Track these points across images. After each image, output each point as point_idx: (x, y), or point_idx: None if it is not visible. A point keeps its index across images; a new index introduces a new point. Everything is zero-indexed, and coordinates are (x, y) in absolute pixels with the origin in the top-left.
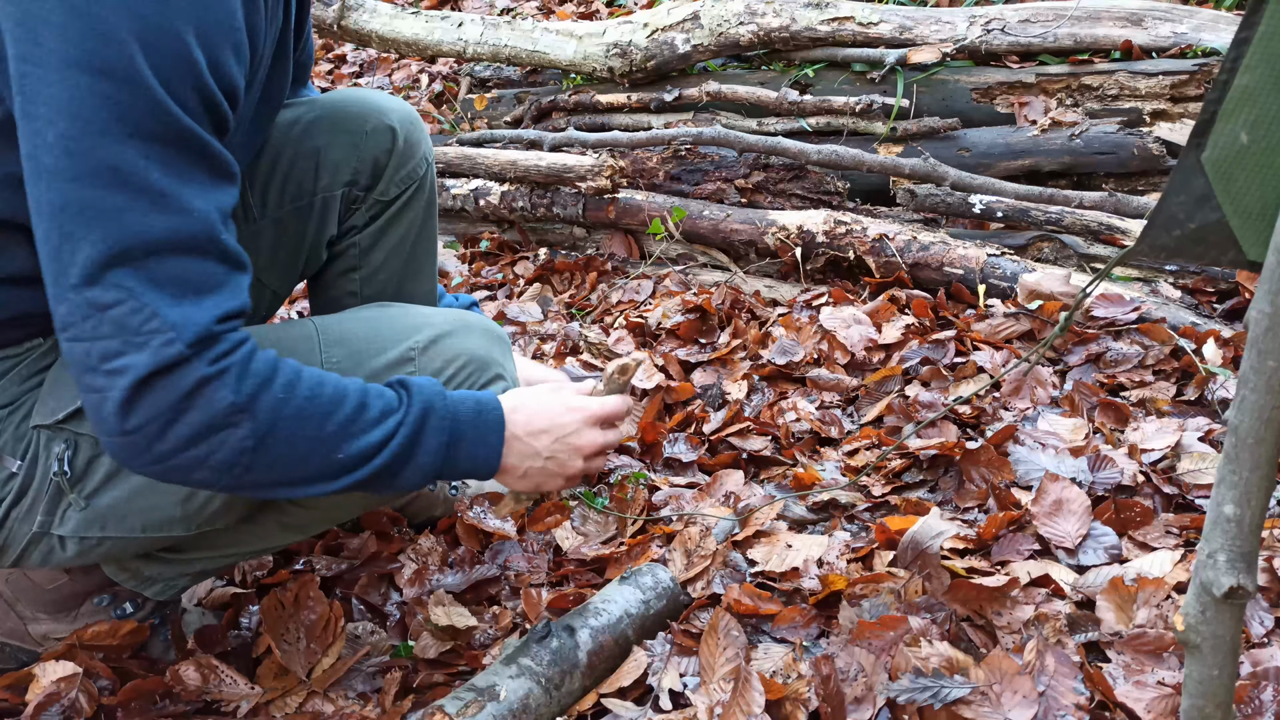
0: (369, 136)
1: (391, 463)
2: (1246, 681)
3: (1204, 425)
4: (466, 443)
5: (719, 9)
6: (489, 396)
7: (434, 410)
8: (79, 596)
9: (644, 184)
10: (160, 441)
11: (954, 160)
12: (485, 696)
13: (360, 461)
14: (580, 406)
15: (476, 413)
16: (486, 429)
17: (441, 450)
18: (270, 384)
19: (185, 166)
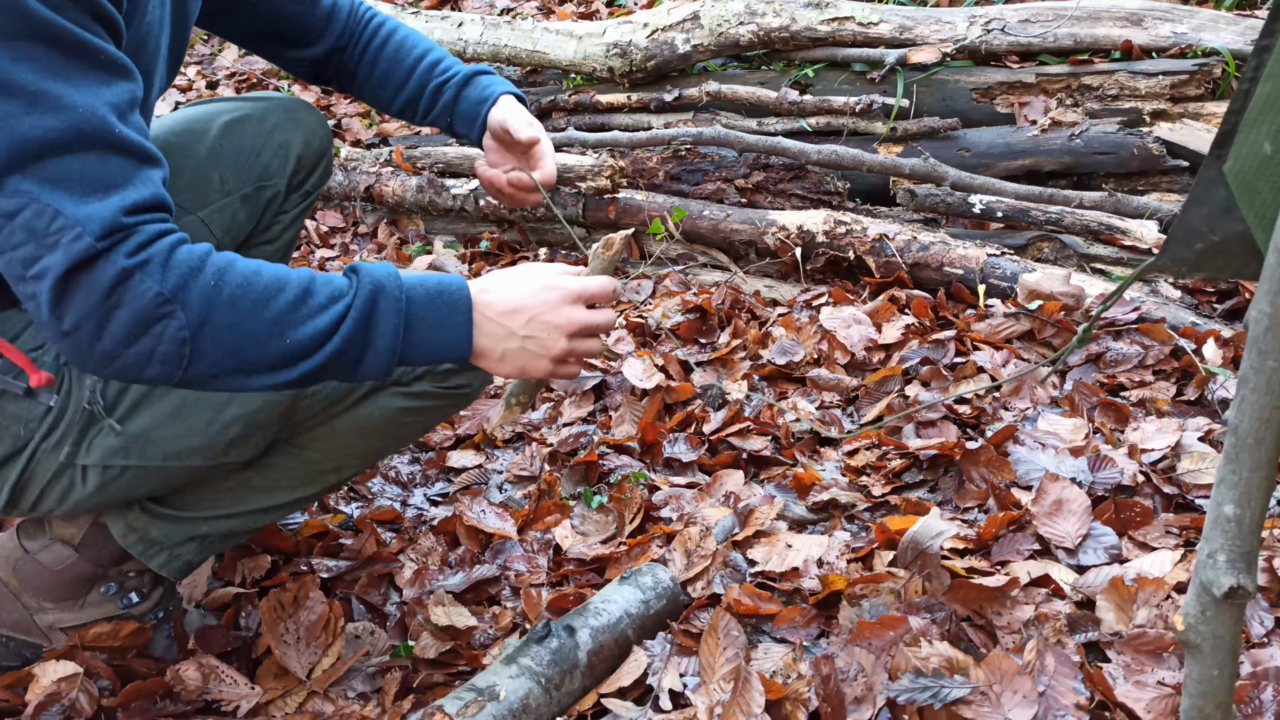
0: (319, 138)
1: (346, 348)
2: (1246, 681)
3: (1204, 425)
4: (426, 325)
5: (719, 9)
6: (453, 278)
7: (384, 291)
8: (86, 581)
9: (644, 184)
10: (100, 340)
11: (954, 160)
12: (485, 696)
13: (312, 347)
14: (558, 284)
15: (437, 293)
16: (449, 309)
17: (398, 332)
18: (199, 273)
19: (60, 64)
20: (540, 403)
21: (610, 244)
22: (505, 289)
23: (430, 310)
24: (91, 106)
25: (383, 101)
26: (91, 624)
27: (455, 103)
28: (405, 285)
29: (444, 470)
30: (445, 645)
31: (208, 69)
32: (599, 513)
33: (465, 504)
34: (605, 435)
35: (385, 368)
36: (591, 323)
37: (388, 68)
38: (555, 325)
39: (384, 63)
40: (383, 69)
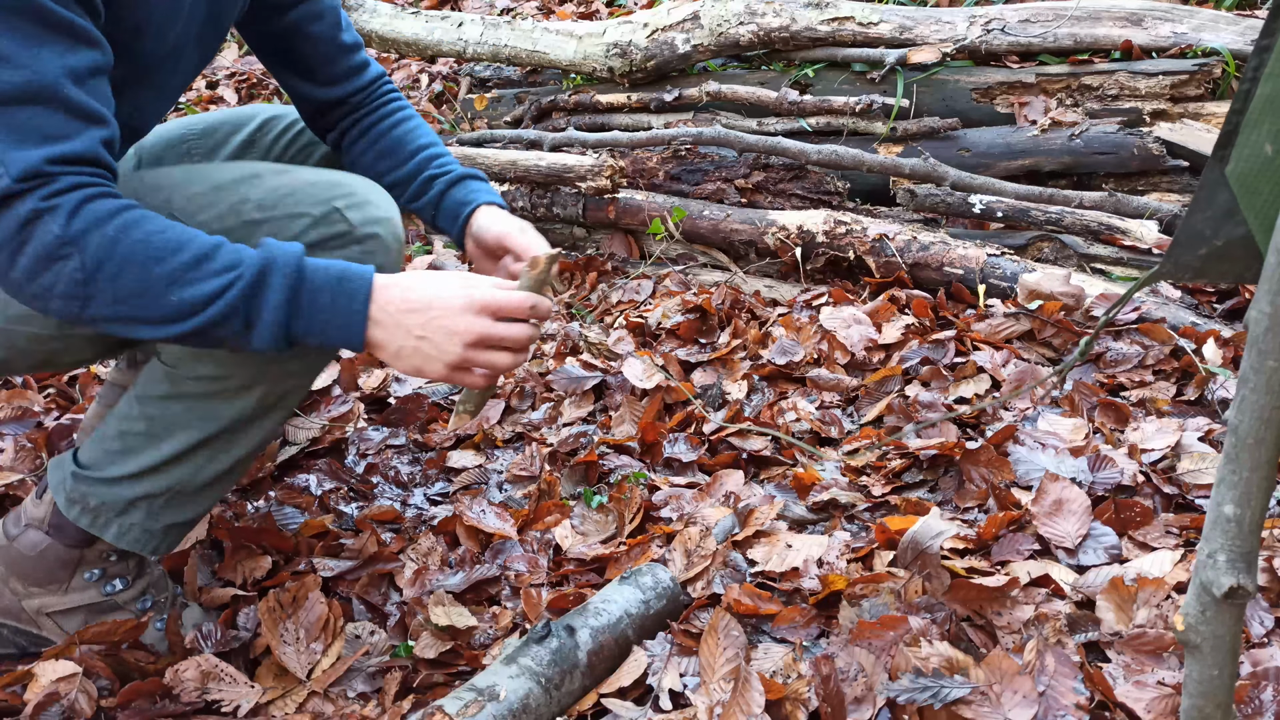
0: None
1: (229, 314)
2: (1246, 681)
3: (1204, 425)
4: (318, 308)
5: (719, 9)
6: (360, 268)
7: (276, 268)
8: (66, 566)
9: (644, 184)
10: (12, 270)
11: (954, 160)
12: (485, 696)
13: (195, 309)
14: (466, 292)
15: (336, 280)
16: (346, 297)
17: (284, 307)
18: (104, 224)
19: (29, 31)
20: (540, 403)
21: (536, 263)
22: (412, 287)
23: (325, 295)
24: (49, 68)
25: (372, 174)
26: (80, 612)
27: (441, 198)
28: (303, 266)
29: (444, 470)
30: (445, 645)
31: (207, 69)
32: (599, 513)
33: (465, 504)
34: (605, 435)
35: (275, 342)
36: (494, 335)
37: (391, 145)
38: (452, 331)
39: (389, 140)
40: (385, 145)
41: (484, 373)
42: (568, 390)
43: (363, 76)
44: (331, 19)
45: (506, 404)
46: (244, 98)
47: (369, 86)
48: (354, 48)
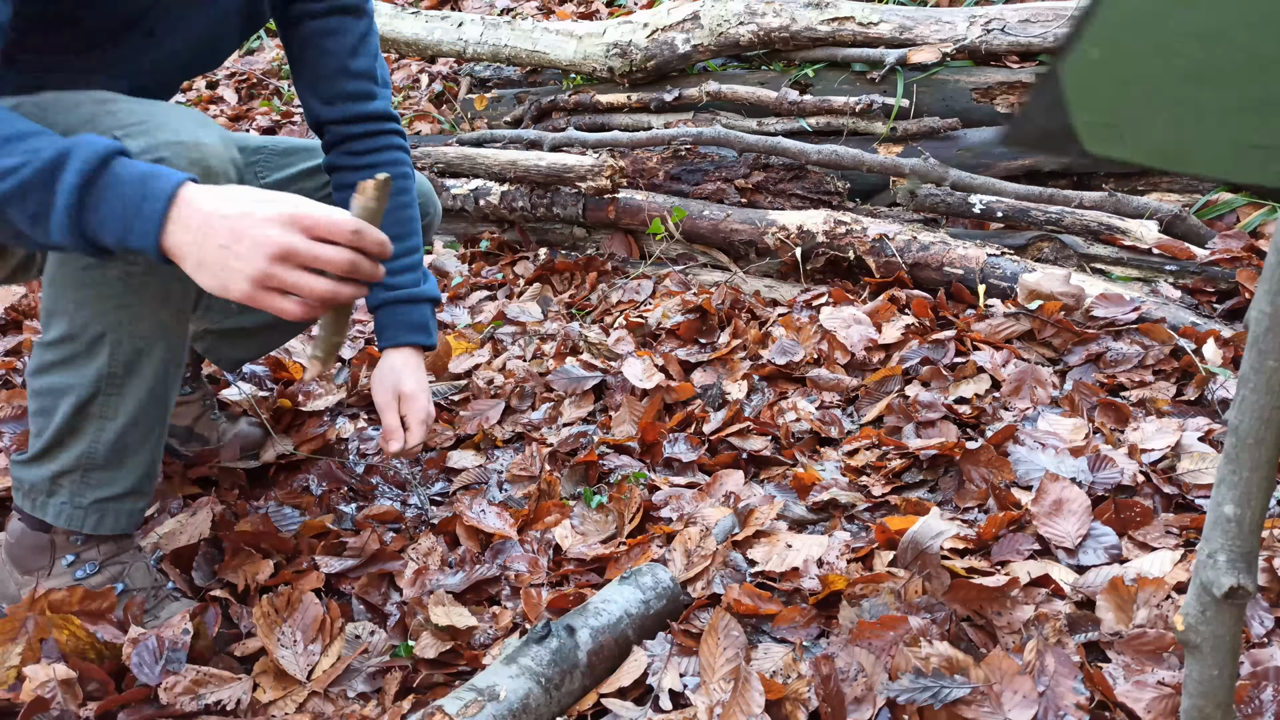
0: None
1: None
2: (1246, 681)
3: (1204, 425)
4: (117, 200)
5: (719, 9)
6: (170, 170)
7: (76, 153)
8: (44, 552)
9: (644, 184)
10: None
11: (954, 160)
12: (485, 696)
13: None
14: (279, 205)
15: (142, 176)
16: (147, 195)
17: (76, 193)
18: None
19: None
20: (540, 403)
21: (364, 189)
22: (226, 196)
23: (125, 188)
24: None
25: None
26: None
27: (377, 311)
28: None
29: (444, 470)
30: (445, 645)
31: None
32: (599, 513)
33: (465, 504)
34: (605, 435)
35: (68, 232)
36: (304, 252)
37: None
38: (258, 242)
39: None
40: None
41: (296, 301)
42: (568, 390)
43: (362, 106)
44: (349, 40)
45: (506, 404)
46: (243, 97)
47: (365, 120)
48: (362, 75)
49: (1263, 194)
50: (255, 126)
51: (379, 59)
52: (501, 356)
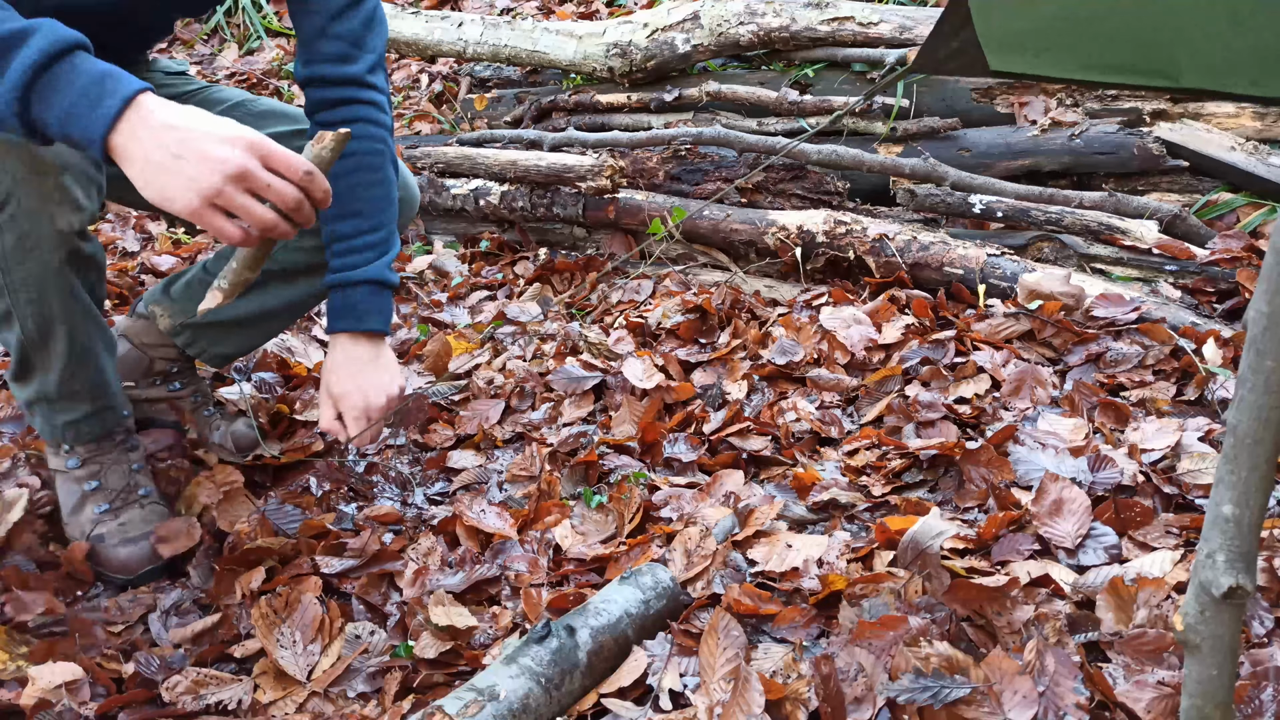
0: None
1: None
2: (1246, 681)
3: (1204, 425)
4: (66, 87)
5: (719, 9)
6: (133, 77)
7: (40, 32)
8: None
9: (644, 184)
10: None
11: (954, 160)
12: (485, 696)
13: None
14: (241, 130)
15: (103, 73)
16: (103, 90)
17: (30, 70)
18: None
19: None
20: (540, 403)
21: (322, 138)
22: (182, 111)
23: (81, 79)
24: None
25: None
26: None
27: (329, 290)
28: (74, 51)
29: (444, 470)
30: (445, 645)
31: (208, 69)
32: (599, 513)
33: (465, 504)
34: (605, 435)
35: (13, 108)
36: (259, 178)
37: (344, 188)
38: (213, 158)
39: (342, 179)
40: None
41: (238, 225)
42: (568, 390)
43: (335, 68)
44: (335, 3)
45: (506, 404)
46: None
47: (338, 84)
48: (342, 38)
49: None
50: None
51: (373, 30)
52: (501, 356)
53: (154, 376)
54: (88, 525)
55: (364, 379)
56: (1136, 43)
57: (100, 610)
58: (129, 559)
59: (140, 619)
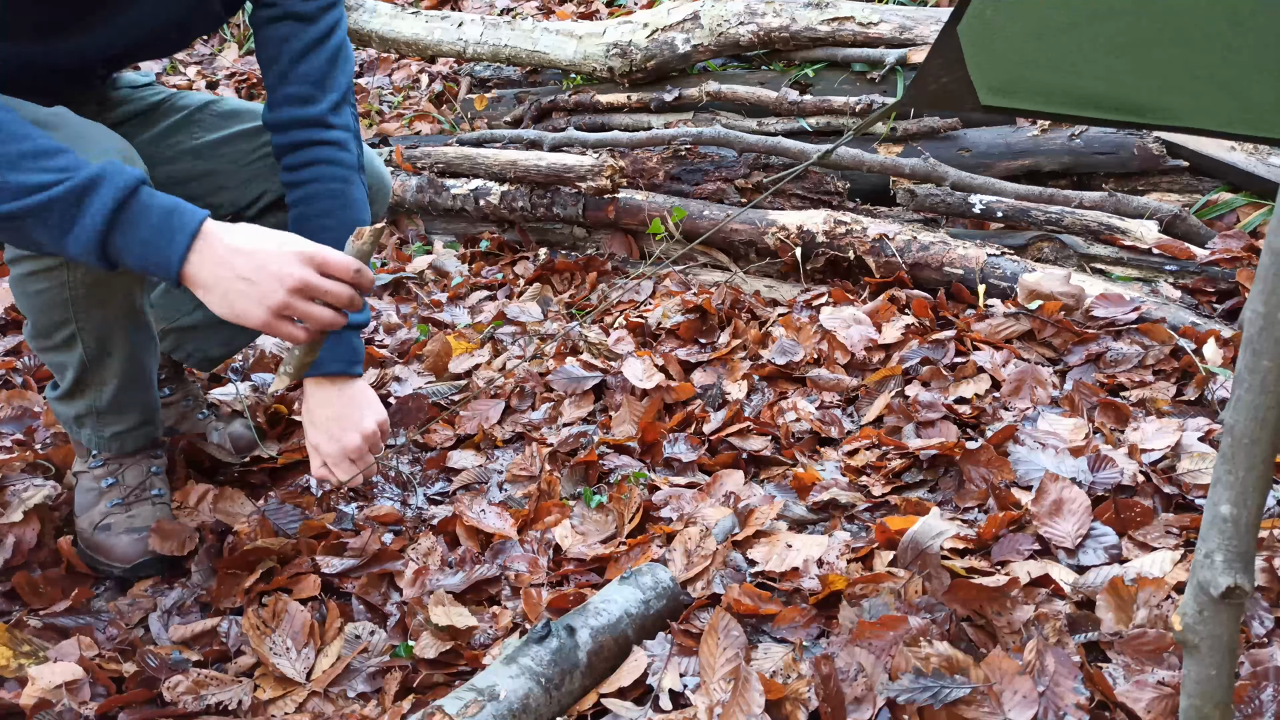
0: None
1: (49, 208)
2: (1246, 681)
3: (1204, 425)
4: (144, 227)
5: (719, 9)
6: (195, 208)
7: (108, 180)
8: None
9: (644, 184)
10: None
11: (954, 160)
12: (485, 696)
13: (19, 193)
14: (296, 244)
15: (167, 210)
16: (172, 227)
17: (107, 217)
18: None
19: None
20: (540, 403)
21: (361, 234)
22: (245, 231)
23: (153, 217)
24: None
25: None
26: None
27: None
28: (138, 189)
29: (444, 470)
30: (445, 645)
31: (208, 69)
32: (599, 513)
33: (465, 504)
34: (605, 435)
35: (94, 250)
36: (318, 286)
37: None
38: (277, 275)
39: (312, 220)
40: (302, 214)
41: (302, 327)
42: (568, 390)
43: (295, 110)
44: (296, 45)
45: (506, 404)
46: (243, 97)
47: (298, 126)
48: (303, 80)
49: (1151, 126)
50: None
51: (337, 67)
52: (501, 356)
53: None
54: (98, 517)
55: (334, 425)
56: (1133, 82)
57: (102, 610)
58: (128, 548)
59: (140, 621)
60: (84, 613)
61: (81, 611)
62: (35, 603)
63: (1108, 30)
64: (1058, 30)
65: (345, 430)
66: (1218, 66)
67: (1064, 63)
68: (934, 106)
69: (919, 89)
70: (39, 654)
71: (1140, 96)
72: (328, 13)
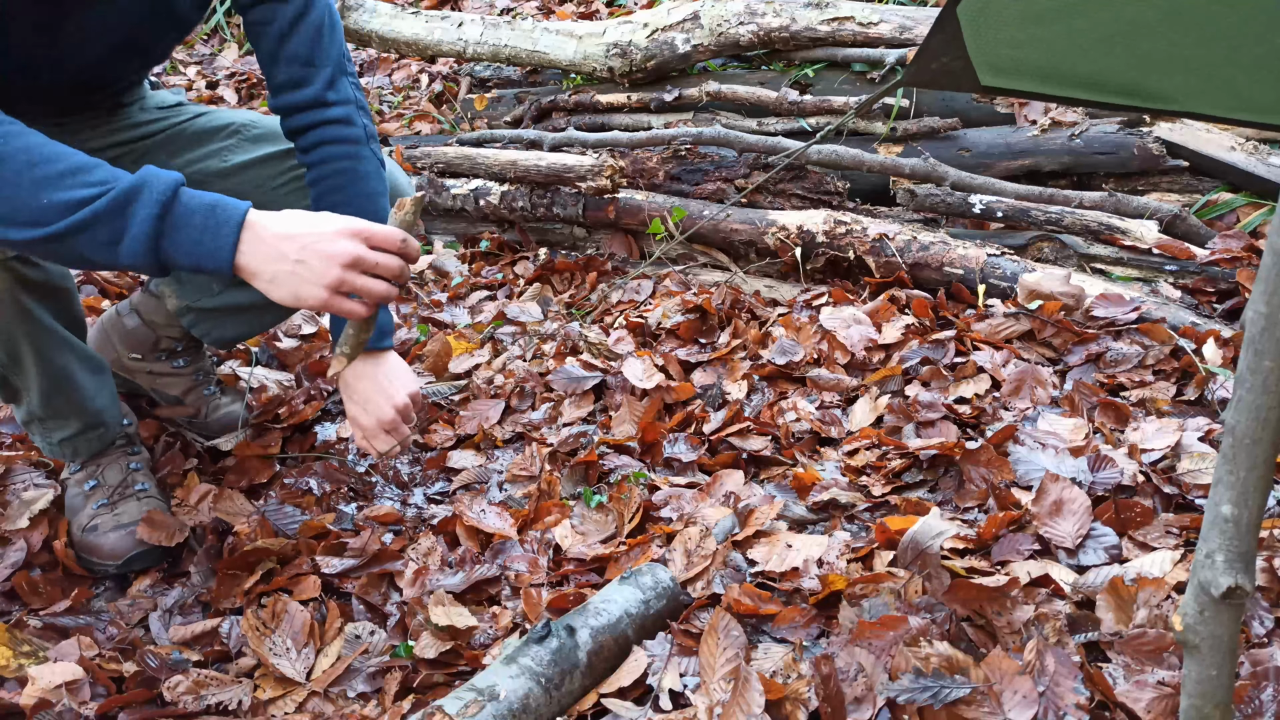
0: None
1: (94, 222)
2: (1246, 681)
3: (1204, 425)
4: (190, 228)
5: (719, 9)
6: (234, 200)
7: (149, 186)
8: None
9: (644, 184)
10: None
11: (954, 160)
12: (485, 696)
13: (62, 212)
14: (342, 222)
15: (210, 206)
16: (218, 222)
17: (153, 222)
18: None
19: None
20: (540, 403)
21: (402, 205)
22: (287, 218)
23: (197, 217)
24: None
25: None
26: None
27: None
28: (178, 192)
29: (444, 470)
30: (445, 645)
31: (208, 69)
32: (599, 513)
33: (465, 504)
34: (605, 435)
35: (146, 257)
36: (369, 259)
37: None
38: (329, 254)
39: (332, 194)
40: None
41: (359, 302)
42: (568, 390)
43: (292, 95)
44: (279, 26)
45: (506, 404)
46: (244, 97)
47: (299, 110)
48: (294, 60)
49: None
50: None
51: (324, 39)
52: (501, 356)
53: (160, 352)
54: (85, 520)
55: (369, 398)
56: (1135, 64)
57: (102, 610)
58: (117, 544)
59: (140, 621)
60: (84, 613)
61: (81, 611)
62: (35, 603)
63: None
64: (1055, 13)
65: (380, 404)
66: (1215, 51)
67: (1062, 45)
68: (934, 86)
69: (920, 68)
70: (39, 654)
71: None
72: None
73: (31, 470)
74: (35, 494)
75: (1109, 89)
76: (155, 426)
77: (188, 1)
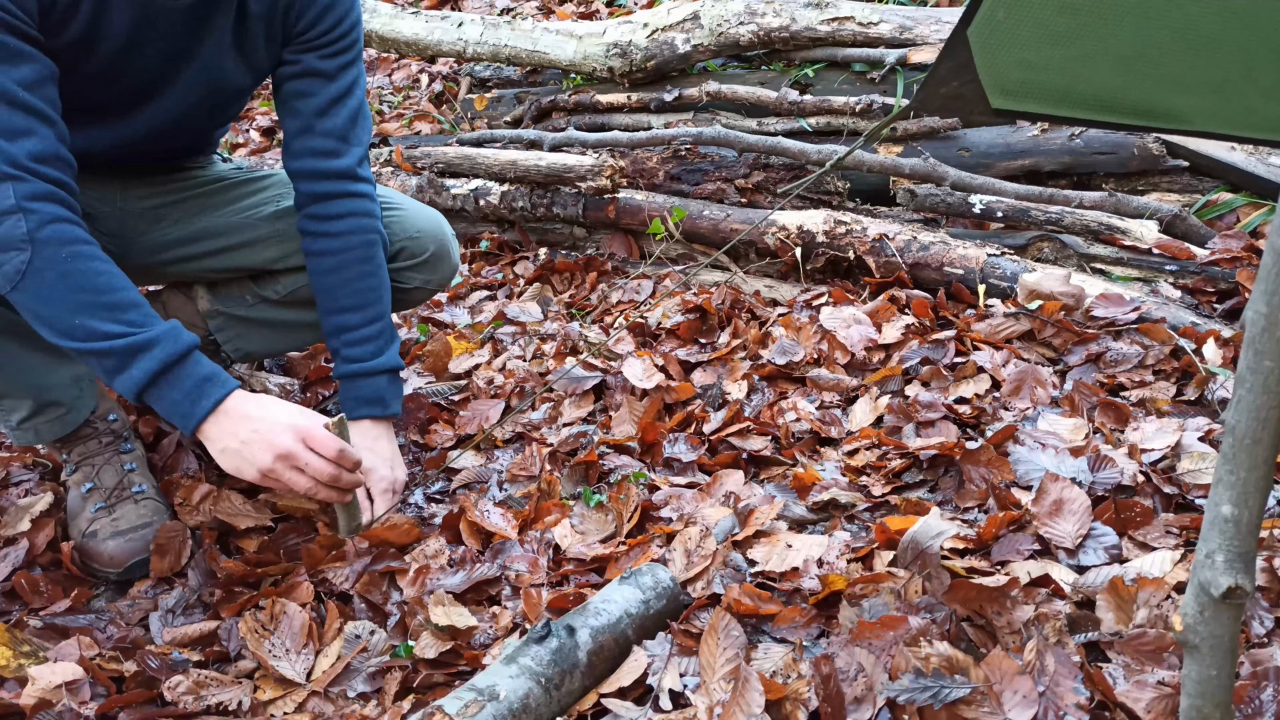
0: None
1: (104, 357)
2: (1246, 681)
3: (1204, 425)
4: (175, 390)
5: (719, 9)
6: (229, 381)
7: (164, 343)
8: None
9: (644, 184)
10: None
11: (954, 160)
12: (485, 696)
13: (86, 337)
14: (292, 419)
15: (204, 378)
16: (201, 393)
17: (148, 376)
18: (59, 245)
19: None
20: (540, 403)
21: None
22: (258, 403)
23: (188, 383)
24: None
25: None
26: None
27: (340, 381)
28: (185, 358)
29: (444, 470)
30: (445, 645)
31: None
32: (599, 512)
33: (466, 503)
34: (605, 435)
35: (130, 395)
36: (299, 458)
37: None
38: (269, 443)
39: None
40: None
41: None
42: (568, 390)
43: (322, 162)
44: (318, 101)
45: (506, 404)
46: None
47: (326, 178)
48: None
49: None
50: (255, 126)
51: (358, 125)
52: (501, 356)
53: None
54: (85, 524)
55: (394, 459)
56: (1149, 85)
57: (102, 610)
58: (116, 552)
59: (140, 621)
60: (84, 613)
61: (81, 611)
62: (35, 603)
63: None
64: (1067, 35)
65: (396, 465)
66: (1231, 72)
67: (1075, 66)
68: (944, 113)
69: (929, 93)
70: (39, 654)
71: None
72: (347, 71)
73: (29, 471)
74: (30, 500)
75: (1122, 110)
76: (155, 425)
77: (242, 76)
